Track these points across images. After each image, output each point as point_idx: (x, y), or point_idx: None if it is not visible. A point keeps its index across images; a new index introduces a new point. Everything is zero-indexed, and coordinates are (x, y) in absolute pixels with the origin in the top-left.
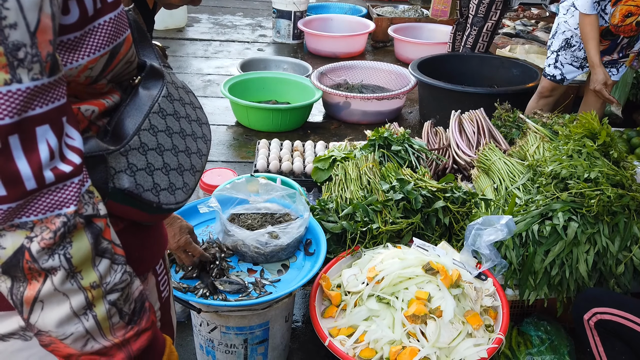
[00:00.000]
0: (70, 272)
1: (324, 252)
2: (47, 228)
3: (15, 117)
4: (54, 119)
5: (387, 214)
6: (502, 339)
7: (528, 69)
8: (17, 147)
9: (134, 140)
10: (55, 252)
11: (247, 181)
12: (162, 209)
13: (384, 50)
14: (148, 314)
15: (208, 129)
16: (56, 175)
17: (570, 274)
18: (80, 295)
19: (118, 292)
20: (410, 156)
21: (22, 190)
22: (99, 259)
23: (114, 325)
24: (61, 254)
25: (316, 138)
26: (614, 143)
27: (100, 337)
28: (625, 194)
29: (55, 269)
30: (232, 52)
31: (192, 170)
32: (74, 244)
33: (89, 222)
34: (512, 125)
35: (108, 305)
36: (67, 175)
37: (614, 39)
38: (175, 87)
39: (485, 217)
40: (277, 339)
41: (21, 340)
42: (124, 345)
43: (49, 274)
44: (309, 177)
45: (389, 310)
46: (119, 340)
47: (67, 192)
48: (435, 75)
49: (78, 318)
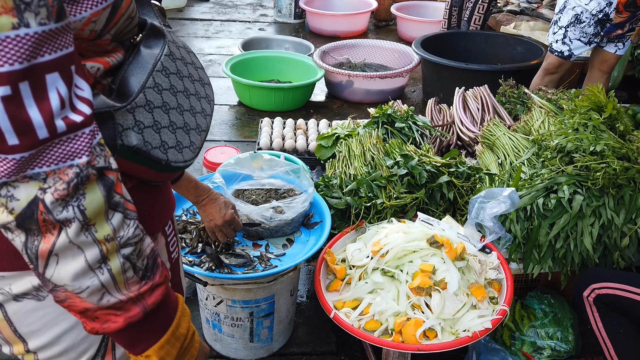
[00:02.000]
0: (85, 224)
1: (329, 226)
2: (60, 179)
3: (25, 63)
4: (63, 67)
5: (392, 189)
6: (506, 310)
7: (532, 46)
8: (28, 95)
9: (139, 97)
10: (69, 203)
11: (251, 157)
12: (171, 167)
13: (386, 29)
14: (161, 270)
15: (211, 90)
16: (67, 124)
17: (574, 247)
18: (95, 249)
19: (131, 246)
20: (414, 133)
21: (34, 139)
22: (111, 213)
23: (129, 280)
24: (75, 206)
25: (319, 117)
26: (620, 116)
27: (115, 291)
28: (631, 167)
29: (69, 221)
30: (233, 32)
31: (198, 129)
32: (87, 195)
33: (101, 174)
34: (516, 102)
35: (122, 259)
36: (78, 125)
37: (634, 11)
38: (177, 47)
39: (488, 189)
40: (282, 312)
41: (34, 300)
42: (138, 299)
43: (63, 226)
44: (312, 155)
45: (394, 283)
46: (133, 294)
47: (78, 142)
48: (438, 53)
49: (93, 272)
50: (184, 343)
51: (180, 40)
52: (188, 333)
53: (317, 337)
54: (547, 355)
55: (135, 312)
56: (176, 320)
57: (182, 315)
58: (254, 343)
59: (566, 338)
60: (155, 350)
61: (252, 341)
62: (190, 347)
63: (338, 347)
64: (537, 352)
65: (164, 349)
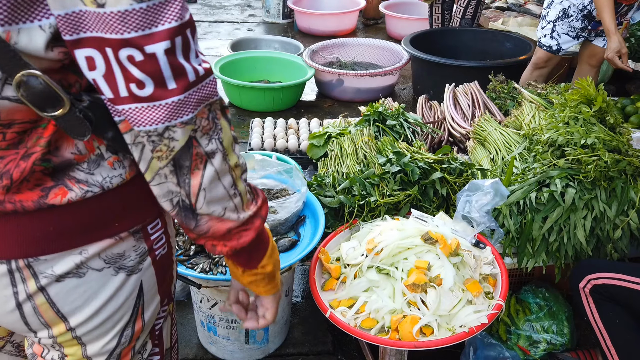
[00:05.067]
0: (224, 154)
1: (323, 226)
2: (203, 117)
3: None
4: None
5: (385, 186)
6: (501, 304)
7: (521, 41)
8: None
9: None
10: (212, 137)
11: None
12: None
13: (375, 27)
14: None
15: None
16: (205, 69)
17: (568, 240)
18: (229, 176)
19: (246, 172)
20: (406, 130)
21: (186, 82)
22: (234, 144)
23: (249, 200)
24: (216, 139)
25: (310, 117)
26: (610, 109)
27: (242, 210)
28: (622, 159)
29: (214, 152)
30: (222, 33)
31: None
32: (223, 130)
33: (224, 112)
34: (506, 97)
35: (244, 184)
36: (209, 70)
37: (616, 6)
38: None
39: (472, 182)
40: (278, 313)
41: (76, 278)
42: (257, 213)
43: (209, 159)
44: (304, 155)
45: (389, 280)
46: (253, 211)
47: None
48: (428, 51)
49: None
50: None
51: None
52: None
53: (313, 337)
54: (543, 348)
55: (259, 222)
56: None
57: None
58: (249, 345)
59: (561, 331)
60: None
61: (248, 343)
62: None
63: (334, 346)
64: (533, 346)
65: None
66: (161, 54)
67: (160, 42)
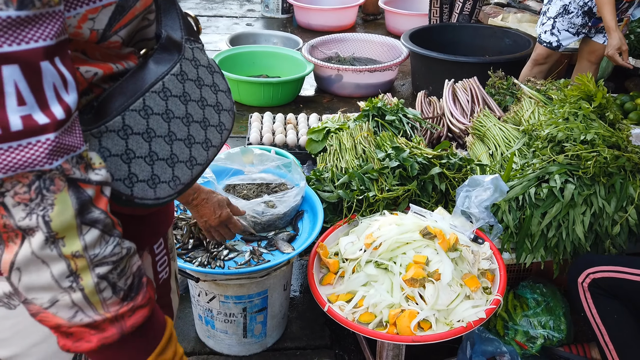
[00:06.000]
0: (50, 236)
1: (321, 221)
2: (20, 182)
3: None
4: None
5: (383, 181)
6: (499, 299)
7: (520, 37)
8: None
9: (114, 121)
10: (34, 211)
11: (241, 152)
12: (134, 203)
13: (374, 23)
14: (145, 290)
15: (229, 117)
16: (26, 124)
17: (566, 235)
18: (62, 264)
19: (108, 265)
20: (405, 125)
21: None
22: (86, 228)
23: (106, 300)
24: (40, 215)
25: (308, 112)
26: (609, 105)
27: (90, 310)
28: (621, 155)
29: (32, 230)
30: (221, 28)
31: (190, 162)
32: (56, 207)
33: (74, 185)
34: (506, 93)
35: (96, 279)
36: (40, 128)
37: (616, 3)
38: (196, 65)
39: (472, 177)
40: (276, 307)
41: (5, 308)
42: (116, 320)
43: (26, 236)
44: (303, 150)
45: (387, 275)
46: (111, 315)
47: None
48: (427, 46)
49: (62, 288)
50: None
51: (205, 58)
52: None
53: (311, 331)
54: (540, 344)
55: (110, 332)
56: (161, 344)
57: (169, 341)
58: (247, 338)
59: (558, 327)
60: None
61: (246, 337)
62: None
63: (332, 340)
64: (530, 341)
65: None
66: None
67: None
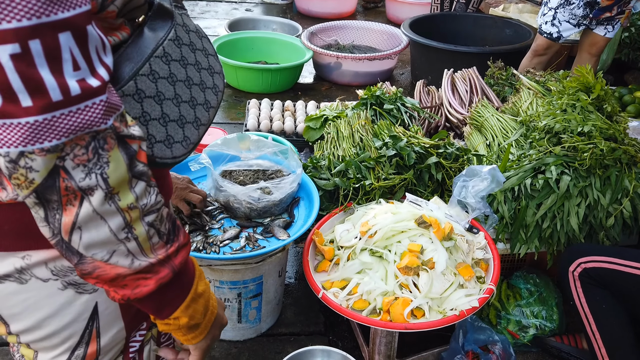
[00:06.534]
0: (108, 192)
1: (317, 208)
2: (77, 145)
3: (34, 20)
4: (77, 27)
5: (380, 170)
6: (493, 289)
7: (521, 28)
8: (40, 54)
9: (128, 85)
10: (92, 170)
11: (238, 138)
12: (156, 163)
13: (375, 10)
14: (183, 230)
15: (221, 79)
16: (83, 87)
17: (561, 227)
18: (119, 217)
19: (154, 213)
20: (403, 115)
21: (47, 100)
22: (135, 181)
23: (155, 245)
24: (97, 173)
25: (307, 99)
26: (607, 97)
27: (142, 256)
28: (618, 148)
29: (91, 189)
30: (220, 13)
31: (196, 123)
32: (111, 164)
33: (123, 142)
34: (504, 83)
35: (147, 227)
36: (95, 90)
37: None
38: (187, 31)
39: (470, 167)
40: (270, 293)
41: (16, 283)
42: (167, 261)
43: (85, 195)
44: (301, 137)
45: (382, 263)
46: (162, 256)
47: (95, 112)
48: (427, 35)
49: (119, 240)
50: (206, 299)
51: (193, 24)
52: (207, 290)
53: (306, 317)
54: (532, 333)
55: (165, 273)
56: (196, 279)
57: (200, 275)
58: (242, 324)
59: (551, 317)
60: (182, 311)
61: (240, 322)
62: (209, 303)
63: (326, 327)
64: (523, 331)
65: (190, 307)
66: (6, 60)
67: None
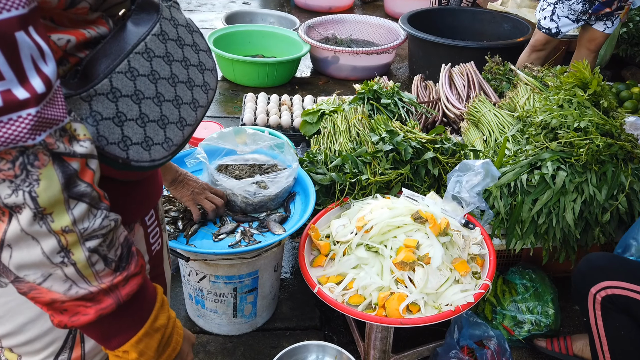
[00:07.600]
0: (38, 212)
1: (313, 203)
2: (3, 159)
3: None
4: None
5: (377, 165)
6: (488, 284)
7: (519, 23)
8: None
9: (102, 84)
10: (20, 187)
11: (234, 132)
12: (131, 166)
13: (373, 4)
14: (136, 258)
15: (213, 76)
16: (5, 99)
17: (557, 222)
18: (52, 239)
19: (98, 238)
20: (400, 109)
21: None
22: (74, 202)
23: (99, 272)
24: (26, 191)
25: (304, 94)
26: (604, 92)
27: (84, 283)
28: (614, 143)
29: (19, 207)
30: (217, 5)
31: (181, 123)
32: (42, 182)
33: (59, 159)
34: (502, 78)
35: (88, 253)
36: (20, 103)
37: None
38: (175, 25)
39: (463, 162)
40: (266, 288)
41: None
42: (111, 290)
43: (13, 213)
44: (297, 131)
45: (378, 258)
46: (106, 285)
47: (20, 126)
48: (425, 30)
49: (54, 264)
50: (165, 335)
51: (183, 17)
52: (168, 324)
53: (301, 312)
54: (527, 329)
55: (107, 303)
56: (155, 312)
57: (161, 307)
58: (237, 318)
59: (546, 312)
60: (132, 345)
61: (236, 317)
62: (171, 339)
63: (322, 322)
64: (518, 326)
65: (142, 342)
66: None
67: None
